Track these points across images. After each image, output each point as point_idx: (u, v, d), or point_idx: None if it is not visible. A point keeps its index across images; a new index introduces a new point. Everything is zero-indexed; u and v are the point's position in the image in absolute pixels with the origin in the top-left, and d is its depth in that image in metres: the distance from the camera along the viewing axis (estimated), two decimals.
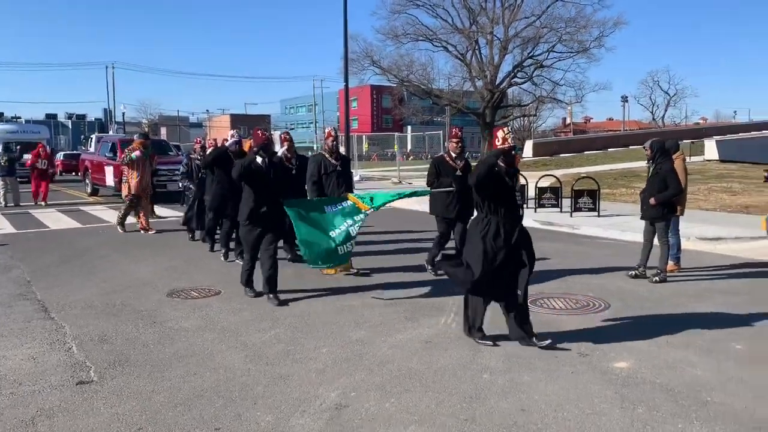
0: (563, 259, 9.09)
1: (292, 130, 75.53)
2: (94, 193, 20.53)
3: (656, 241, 7.85)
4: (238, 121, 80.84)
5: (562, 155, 38.63)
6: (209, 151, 10.67)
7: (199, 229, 10.83)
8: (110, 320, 6.19)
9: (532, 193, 15.02)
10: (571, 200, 13.81)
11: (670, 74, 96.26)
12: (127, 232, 12.06)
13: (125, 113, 65.72)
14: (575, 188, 13.96)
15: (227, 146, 9.36)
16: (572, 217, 13.33)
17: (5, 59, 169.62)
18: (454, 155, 7.76)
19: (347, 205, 7.11)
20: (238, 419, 3.98)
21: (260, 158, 6.73)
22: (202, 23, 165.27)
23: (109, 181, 18.77)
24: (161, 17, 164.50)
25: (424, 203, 7.21)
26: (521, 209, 5.37)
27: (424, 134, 47.38)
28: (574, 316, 6.23)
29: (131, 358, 5.13)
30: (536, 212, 14.03)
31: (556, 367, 4.80)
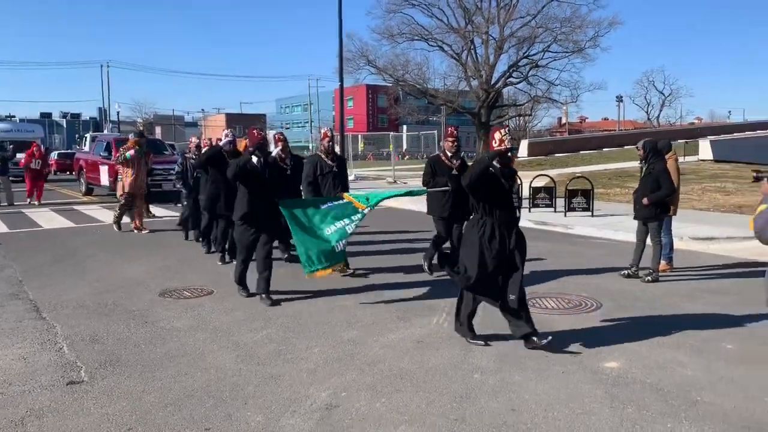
0: (556, 258, 9.11)
1: (287, 129, 75.60)
2: (88, 192, 20.47)
3: (649, 240, 7.88)
4: (233, 120, 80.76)
5: (557, 155, 38.72)
6: (204, 150, 10.62)
7: (193, 228, 10.79)
8: (102, 320, 6.18)
9: (526, 192, 15.04)
10: (565, 200, 13.84)
11: (665, 74, 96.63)
12: (123, 231, 12.04)
13: (120, 112, 65.49)
14: (569, 188, 14.01)
15: (221, 146, 9.30)
16: (566, 216, 13.37)
17: (0, 58, 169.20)
18: (449, 154, 7.72)
19: (343, 204, 7.10)
20: (228, 419, 3.98)
21: (255, 158, 6.71)
22: (197, 22, 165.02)
23: (104, 180, 18.70)
24: (157, 16, 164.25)
25: (419, 203, 7.21)
26: (518, 211, 5.33)
27: (419, 134, 47.33)
28: (566, 315, 6.25)
29: (122, 358, 5.12)
30: (530, 212, 14.05)
31: (546, 366, 4.81)
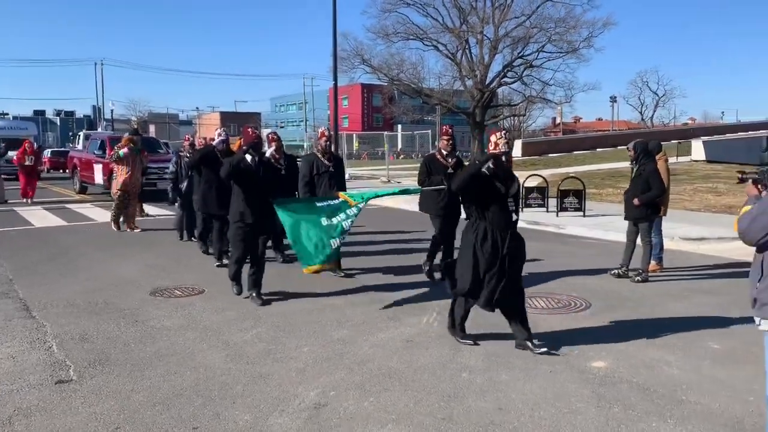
0: (547, 258, 9.13)
1: (281, 128, 75.52)
2: (82, 191, 20.37)
3: (639, 241, 7.92)
4: (228, 118, 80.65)
5: (550, 155, 38.76)
6: (197, 149, 10.58)
7: (187, 229, 10.74)
8: (92, 319, 6.17)
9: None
10: (557, 200, 13.89)
11: (659, 75, 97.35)
12: (121, 231, 11.92)
13: (114, 110, 65.35)
14: (561, 188, 14.06)
15: (214, 145, 9.24)
16: (558, 216, 13.41)
17: None
18: (445, 153, 7.68)
19: (338, 202, 7.06)
20: (216, 418, 3.99)
21: (250, 156, 6.67)
22: (192, 21, 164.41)
23: (98, 179, 18.61)
24: (152, 14, 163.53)
25: (414, 203, 7.15)
26: (514, 214, 5.12)
27: (413, 133, 47.35)
28: (555, 315, 6.28)
29: (112, 357, 5.12)
30: (522, 212, 14.01)
31: (534, 366, 4.84)
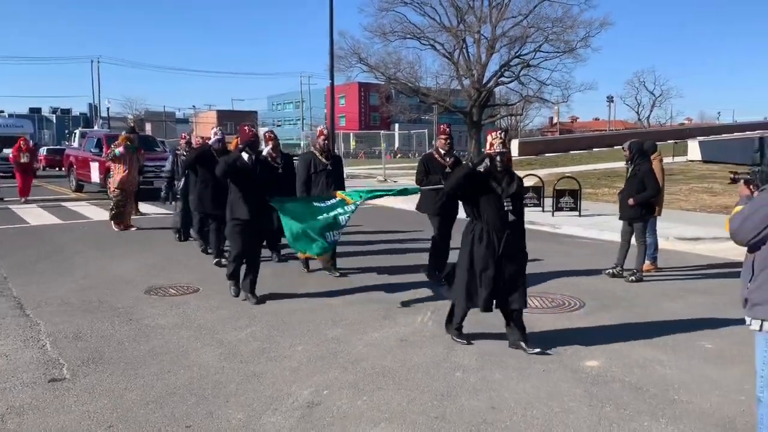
0: (542, 258, 9.12)
1: (278, 126, 75.42)
2: (78, 189, 20.30)
3: (634, 240, 7.94)
4: (224, 117, 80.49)
5: (547, 155, 38.84)
6: (194, 147, 10.49)
7: (184, 228, 10.67)
8: (86, 317, 6.17)
9: None
10: (553, 200, 13.91)
11: (655, 75, 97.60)
12: (122, 230, 11.84)
13: (110, 108, 65.18)
14: (557, 188, 14.08)
15: (210, 144, 9.12)
16: (554, 216, 13.43)
17: None
18: (443, 152, 7.62)
19: (336, 201, 7.00)
20: (209, 417, 3.99)
21: (246, 155, 6.63)
22: (189, 19, 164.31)
23: (94, 177, 18.54)
24: (149, 13, 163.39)
25: (411, 202, 7.11)
26: (511, 214, 5.06)
27: (410, 132, 47.35)
28: (549, 314, 6.30)
29: (105, 355, 5.12)
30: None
31: (527, 365, 4.85)
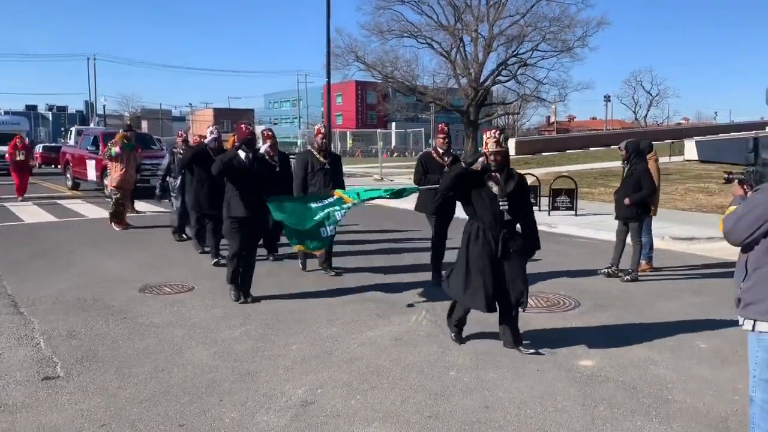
0: (538, 257, 9.08)
1: (275, 125, 75.31)
2: (75, 187, 20.22)
3: (629, 240, 7.95)
4: (221, 115, 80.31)
5: (544, 154, 38.91)
6: (191, 146, 10.46)
7: (180, 227, 10.62)
8: (80, 315, 6.15)
9: None
10: (549, 199, 13.91)
11: (652, 74, 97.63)
12: (123, 229, 11.74)
13: (106, 106, 65.15)
14: (553, 187, 14.08)
15: (206, 143, 9.07)
16: (550, 215, 13.43)
17: None
18: (441, 151, 7.50)
19: (334, 199, 6.91)
20: (203, 415, 3.99)
21: (243, 153, 6.57)
22: (185, 16, 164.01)
23: (90, 175, 18.48)
24: (145, 10, 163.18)
25: (408, 201, 7.06)
26: (507, 213, 5.05)
27: (406, 131, 47.34)
28: (544, 314, 6.31)
29: (99, 353, 5.11)
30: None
31: (522, 364, 4.85)
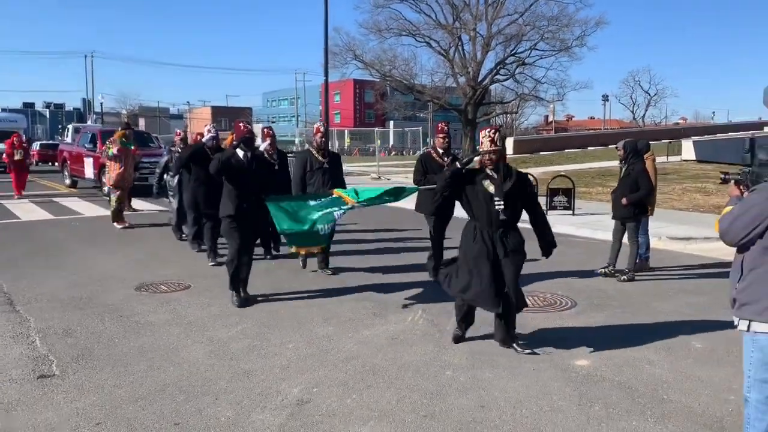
0: (534, 256, 9.09)
1: (273, 123, 75.24)
2: (73, 185, 20.17)
3: (626, 240, 7.95)
4: (219, 113, 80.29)
5: (542, 153, 38.93)
6: (190, 145, 10.41)
7: (178, 226, 10.60)
8: (76, 313, 6.14)
9: None
10: (546, 198, 13.91)
11: (651, 74, 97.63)
12: (128, 227, 11.69)
13: (104, 103, 65.00)
14: (551, 186, 14.07)
15: (204, 141, 8.96)
16: (547, 215, 13.38)
17: None
18: (441, 151, 7.46)
19: (332, 199, 6.84)
20: (198, 414, 3.98)
21: (241, 152, 6.51)
22: (183, 14, 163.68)
23: (88, 173, 18.45)
24: (143, 7, 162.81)
25: (407, 201, 7.03)
26: (502, 213, 5.10)
27: (404, 130, 47.31)
28: (540, 313, 6.31)
29: (95, 352, 5.10)
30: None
31: (518, 364, 4.86)
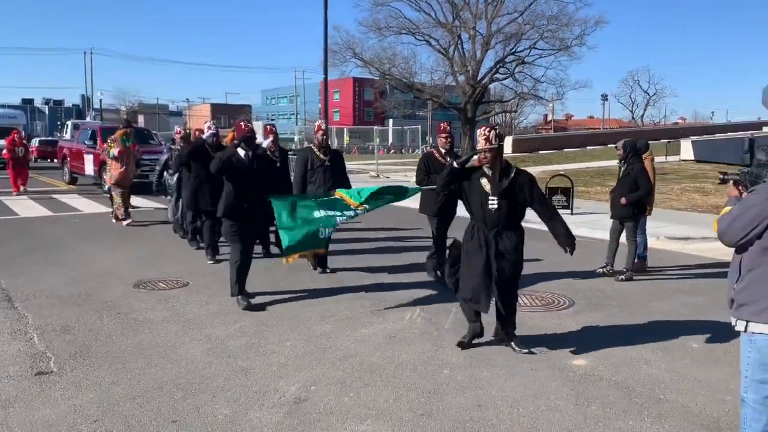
0: (532, 256, 9.09)
1: (272, 120, 75.20)
2: (72, 181, 20.16)
3: (624, 239, 7.96)
4: (218, 110, 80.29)
5: (541, 152, 38.96)
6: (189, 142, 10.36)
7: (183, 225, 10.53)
8: (74, 310, 6.15)
9: None
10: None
11: (650, 74, 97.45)
12: (129, 225, 11.64)
13: (103, 100, 64.94)
14: (549, 186, 14.06)
15: (204, 139, 8.92)
16: None
17: None
18: (443, 151, 7.36)
19: (334, 199, 6.69)
20: (195, 412, 3.99)
21: (242, 151, 6.46)
22: (183, 11, 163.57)
23: (88, 170, 18.44)
24: (142, 4, 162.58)
25: (411, 200, 7.02)
26: (498, 212, 5.08)
27: (403, 128, 47.31)
28: (538, 313, 6.32)
29: (93, 349, 5.10)
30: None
31: (515, 363, 4.86)
